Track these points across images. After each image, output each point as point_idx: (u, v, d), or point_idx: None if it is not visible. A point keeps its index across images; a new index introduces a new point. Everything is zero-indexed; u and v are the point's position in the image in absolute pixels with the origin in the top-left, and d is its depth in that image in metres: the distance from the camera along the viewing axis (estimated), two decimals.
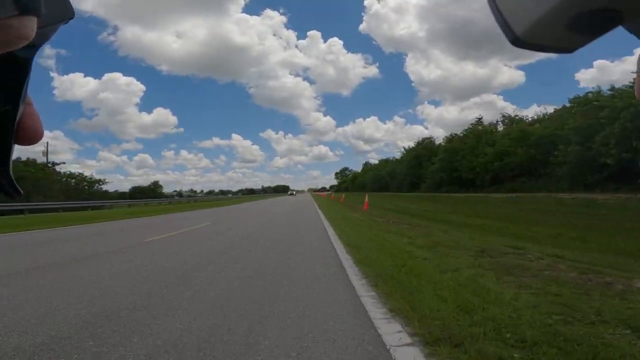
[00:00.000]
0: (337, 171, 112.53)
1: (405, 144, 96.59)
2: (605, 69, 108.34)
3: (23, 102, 0.30)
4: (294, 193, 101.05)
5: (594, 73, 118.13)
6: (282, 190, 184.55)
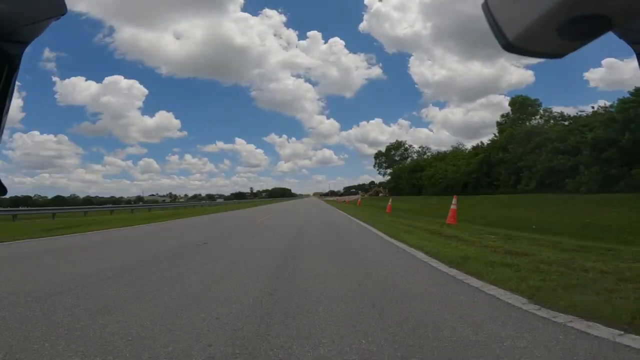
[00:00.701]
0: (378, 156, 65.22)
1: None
2: (615, 67, 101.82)
3: (10, 99, 0.29)
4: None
5: (603, 72, 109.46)
6: (281, 194, 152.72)
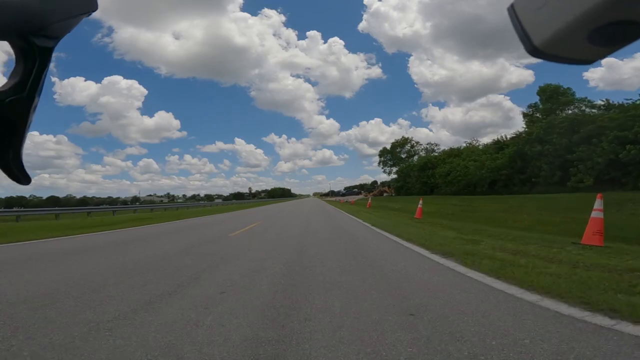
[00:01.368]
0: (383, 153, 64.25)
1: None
2: (615, 67, 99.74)
3: (39, 94, 0.29)
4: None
5: (603, 72, 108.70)
6: (281, 194, 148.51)
